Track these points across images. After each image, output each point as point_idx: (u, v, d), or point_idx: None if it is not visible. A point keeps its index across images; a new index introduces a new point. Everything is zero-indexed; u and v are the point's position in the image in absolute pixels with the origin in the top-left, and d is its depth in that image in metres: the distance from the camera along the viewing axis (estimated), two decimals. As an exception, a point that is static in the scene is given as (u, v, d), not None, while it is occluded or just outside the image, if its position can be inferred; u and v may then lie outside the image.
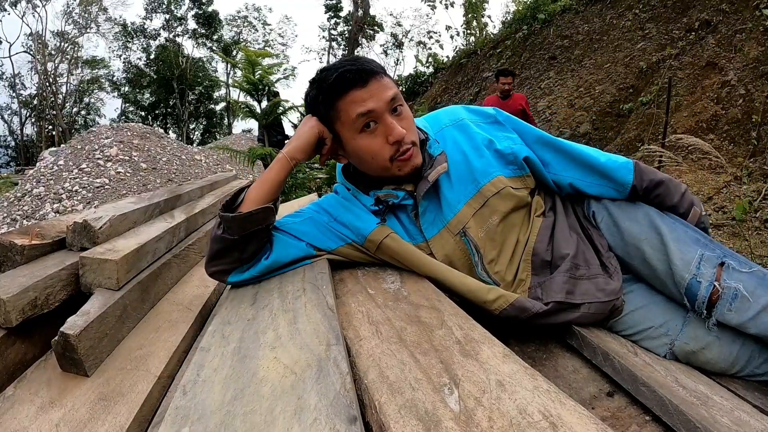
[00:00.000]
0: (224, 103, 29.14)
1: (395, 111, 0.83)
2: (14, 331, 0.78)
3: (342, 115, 0.83)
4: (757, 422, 0.64)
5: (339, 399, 0.48)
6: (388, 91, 0.82)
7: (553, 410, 0.46)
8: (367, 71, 0.82)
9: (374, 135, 0.83)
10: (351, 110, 0.81)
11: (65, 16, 25.83)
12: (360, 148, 0.84)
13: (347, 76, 0.81)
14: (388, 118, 0.82)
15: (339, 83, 0.81)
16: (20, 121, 26.32)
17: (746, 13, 4.46)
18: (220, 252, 0.84)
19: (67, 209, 5.51)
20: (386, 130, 0.82)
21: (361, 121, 0.82)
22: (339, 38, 26.71)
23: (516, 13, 8.54)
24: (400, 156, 0.83)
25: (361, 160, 0.87)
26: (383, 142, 0.83)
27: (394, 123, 0.82)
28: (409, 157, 0.84)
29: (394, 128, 0.82)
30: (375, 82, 0.81)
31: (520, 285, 0.87)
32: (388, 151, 0.83)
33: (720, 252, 0.81)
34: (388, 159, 0.84)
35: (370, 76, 0.81)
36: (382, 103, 0.81)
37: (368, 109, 0.80)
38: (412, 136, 0.85)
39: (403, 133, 0.82)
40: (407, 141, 0.83)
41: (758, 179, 3.52)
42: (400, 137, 0.82)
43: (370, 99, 0.81)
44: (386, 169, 0.85)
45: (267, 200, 0.84)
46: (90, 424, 0.65)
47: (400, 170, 0.85)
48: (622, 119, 5.27)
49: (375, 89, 0.81)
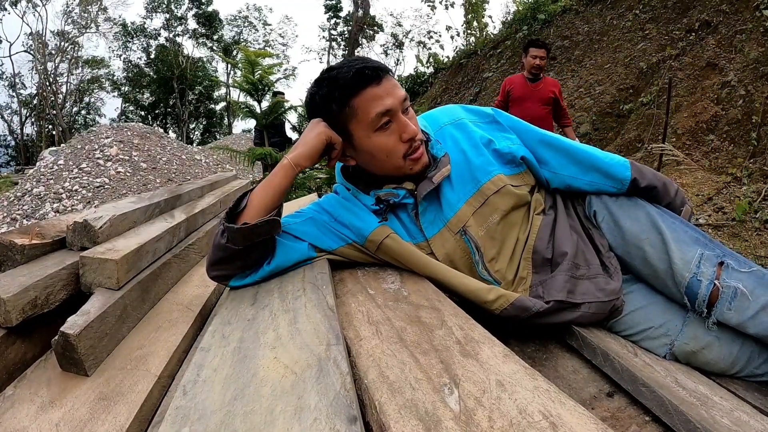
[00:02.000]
0: (224, 103, 29.18)
1: (405, 110, 0.84)
2: (14, 330, 0.78)
3: (359, 113, 0.81)
4: (757, 423, 0.64)
5: (339, 399, 0.48)
6: (400, 90, 0.82)
7: (553, 410, 0.46)
8: (382, 69, 0.82)
9: (389, 133, 0.83)
10: (370, 108, 0.80)
11: (65, 16, 25.84)
12: (375, 147, 0.84)
13: (366, 72, 0.80)
14: (402, 117, 0.82)
15: (357, 80, 0.80)
16: (20, 120, 26.32)
17: (746, 13, 4.46)
18: (223, 260, 0.83)
19: (67, 209, 5.51)
20: (400, 128, 0.82)
21: (380, 120, 0.81)
22: (339, 38, 26.74)
23: (516, 14, 8.53)
24: (412, 153, 0.84)
25: (374, 159, 0.86)
26: (397, 140, 0.83)
27: (408, 121, 0.83)
28: (420, 155, 0.85)
29: (408, 126, 0.82)
30: (387, 80, 0.82)
31: (521, 283, 0.87)
32: (402, 149, 0.84)
33: (720, 251, 0.82)
34: (402, 157, 0.84)
35: (384, 74, 0.81)
36: (398, 101, 0.81)
37: (387, 108, 0.80)
38: (420, 134, 0.86)
39: (416, 130, 0.83)
40: (418, 138, 0.85)
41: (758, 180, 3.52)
42: (414, 134, 0.83)
43: (387, 97, 0.80)
44: (399, 167, 0.86)
45: (271, 207, 0.84)
46: (90, 424, 0.65)
47: (411, 169, 0.86)
48: (622, 119, 5.27)
49: (390, 87, 0.81)
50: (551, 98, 3.43)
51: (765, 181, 3.44)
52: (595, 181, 0.93)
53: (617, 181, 0.91)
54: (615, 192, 0.93)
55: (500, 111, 1.00)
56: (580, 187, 0.95)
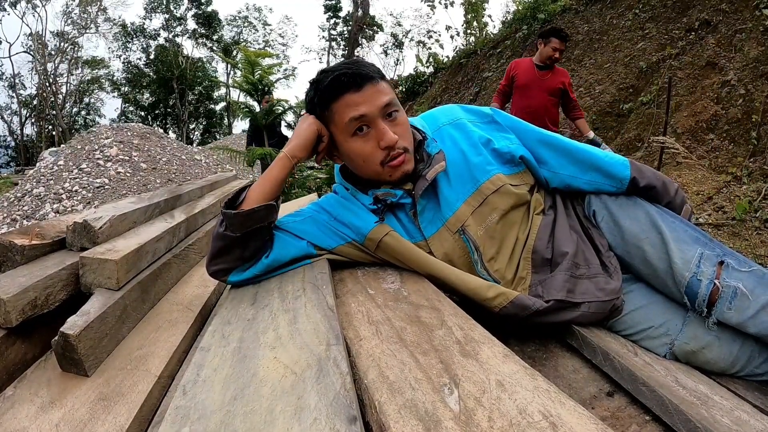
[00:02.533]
0: (224, 103, 29.19)
1: (390, 116, 0.84)
2: (14, 331, 0.78)
3: (335, 117, 0.84)
4: (757, 422, 0.64)
5: (339, 399, 0.48)
6: (383, 97, 0.83)
7: (553, 410, 0.46)
8: (363, 75, 0.82)
9: (366, 139, 0.84)
10: (344, 113, 0.83)
11: (65, 17, 25.84)
12: (352, 151, 0.86)
13: (342, 79, 0.82)
14: (381, 123, 0.83)
15: (334, 86, 0.83)
16: (20, 121, 26.32)
17: (746, 13, 4.46)
18: (222, 250, 0.84)
19: (67, 209, 5.51)
20: (378, 135, 0.83)
21: (353, 125, 0.83)
22: (339, 38, 26.73)
23: (516, 13, 8.53)
24: (391, 161, 0.84)
25: (353, 163, 0.89)
26: (374, 146, 0.84)
27: (386, 128, 0.83)
28: (400, 163, 0.85)
29: (386, 133, 0.82)
30: (370, 86, 0.82)
31: (520, 283, 0.87)
32: (379, 156, 0.84)
33: (720, 251, 0.82)
34: (379, 163, 0.85)
35: (366, 81, 0.82)
36: (375, 108, 0.82)
37: (360, 114, 0.82)
38: (404, 142, 0.85)
39: (394, 138, 0.83)
40: (399, 147, 0.84)
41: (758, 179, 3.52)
42: (392, 143, 0.83)
43: (364, 104, 0.82)
44: (377, 173, 0.87)
45: (268, 198, 0.85)
46: (90, 424, 0.65)
47: (390, 176, 0.86)
48: (622, 119, 5.27)
49: (369, 94, 0.82)
50: (559, 89, 3.14)
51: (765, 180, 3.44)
52: (594, 180, 0.93)
53: (617, 180, 0.91)
54: (614, 191, 0.93)
55: (499, 111, 1.00)
56: (580, 187, 0.95)
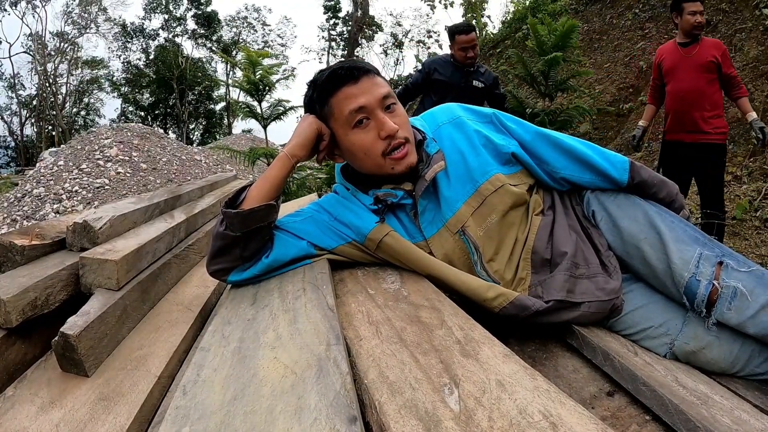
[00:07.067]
0: (224, 103, 29.17)
1: (388, 108, 0.85)
2: (14, 331, 0.78)
3: (335, 112, 0.85)
4: (757, 422, 0.64)
5: (339, 399, 0.48)
6: (380, 89, 0.84)
7: (553, 410, 0.46)
8: (359, 68, 0.84)
9: (366, 130, 0.84)
10: (343, 106, 0.84)
11: (65, 17, 25.86)
12: (353, 144, 0.86)
13: (339, 73, 0.84)
14: (380, 114, 0.84)
15: (331, 81, 0.84)
16: (20, 121, 26.34)
17: (746, 12, 4.46)
18: (222, 249, 0.84)
19: (67, 210, 5.52)
20: (378, 125, 0.84)
21: (353, 117, 0.84)
22: (338, 38, 26.72)
23: (516, 13, 8.52)
24: (393, 151, 0.84)
25: (354, 157, 0.89)
26: (375, 137, 0.84)
27: (386, 118, 0.84)
28: (404, 155, 0.85)
29: (386, 123, 0.83)
30: (367, 79, 0.84)
31: (520, 283, 0.87)
32: (380, 147, 0.84)
33: (719, 251, 0.81)
34: (381, 154, 0.85)
35: (362, 74, 0.84)
36: (374, 99, 0.83)
37: (360, 105, 0.83)
38: (405, 132, 0.86)
39: (394, 127, 0.83)
40: (400, 136, 0.84)
41: (758, 179, 3.52)
42: (392, 131, 0.83)
43: (362, 95, 0.83)
44: (380, 166, 0.86)
45: (269, 198, 0.85)
46: (90, 425, 0.65)
47: (393, 168, 0.86)
48: (622, 119, 5.28)
49: (367, 86, 0.84)
50: (712, 63, 2.57)
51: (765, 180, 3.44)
52: (594, 178, 0.93)
53: (616, 179, 0.91)
54: (614, 189, 0.93)
55: (498, 111, 1.00)
56: (579, 182, 0.95)
